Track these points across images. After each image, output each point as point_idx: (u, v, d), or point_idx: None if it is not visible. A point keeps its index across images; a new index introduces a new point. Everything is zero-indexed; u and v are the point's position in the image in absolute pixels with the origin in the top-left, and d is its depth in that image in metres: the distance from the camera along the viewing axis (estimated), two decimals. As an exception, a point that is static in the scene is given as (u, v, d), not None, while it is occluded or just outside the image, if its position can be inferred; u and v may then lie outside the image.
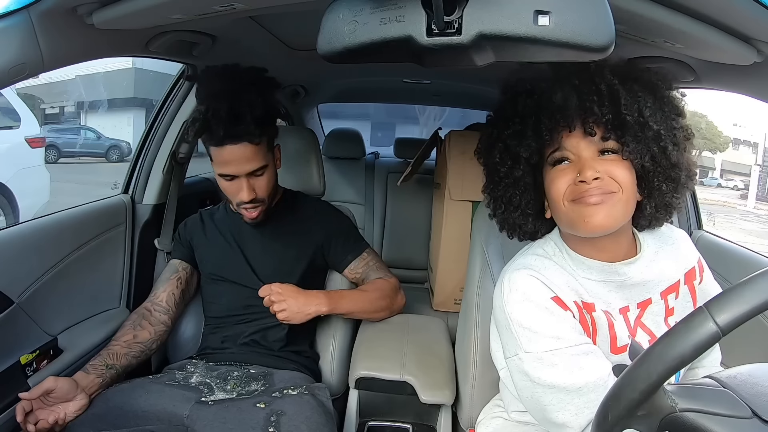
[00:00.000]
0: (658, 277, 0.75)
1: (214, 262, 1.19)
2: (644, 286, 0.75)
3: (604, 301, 0.74)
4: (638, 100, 0.69)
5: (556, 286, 0.72)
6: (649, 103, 0.70)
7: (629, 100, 0.69)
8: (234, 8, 0.74)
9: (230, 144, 1.01)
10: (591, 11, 0.51)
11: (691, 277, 0.78)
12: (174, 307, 1.17)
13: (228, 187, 1.07)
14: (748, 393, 0.43)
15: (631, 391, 0.43)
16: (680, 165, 0.72)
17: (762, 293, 0.39)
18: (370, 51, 0.58)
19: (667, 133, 0.70)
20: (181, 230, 1.25)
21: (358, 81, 2.07)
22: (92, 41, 0.81)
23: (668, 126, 0.70)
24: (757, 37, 0.67)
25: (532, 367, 0.69)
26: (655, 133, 0.69)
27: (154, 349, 1.11)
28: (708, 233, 1.31)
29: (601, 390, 0.65)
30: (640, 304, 0.75)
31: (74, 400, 0.91)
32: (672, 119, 0.71)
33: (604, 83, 0.69)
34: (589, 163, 0.69)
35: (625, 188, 0.69)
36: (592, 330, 0.73)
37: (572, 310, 0.71)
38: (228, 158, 1.02)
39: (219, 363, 1.11)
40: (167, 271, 1.21)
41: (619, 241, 0.74)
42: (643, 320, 0.75)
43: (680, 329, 0.41)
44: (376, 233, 2.21)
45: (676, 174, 0.72)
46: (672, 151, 0.70)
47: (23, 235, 1.05)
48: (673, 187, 0.73)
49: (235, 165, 1.03)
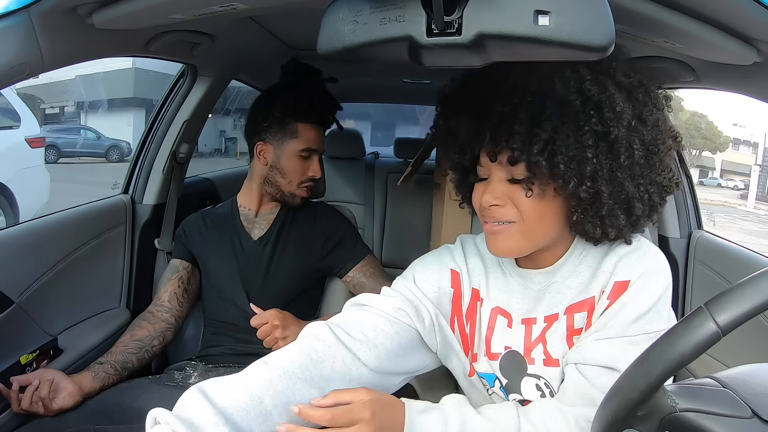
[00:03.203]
0: (570, 291, 0.70)
1: (210, 269, 1.19)
2: (553, 299, 0.71)
3: (506, 304, 0.74)
4: (559, 122, 0.62)
5: (465, 269, 0.76)
6: (570, 126, 0.62)
7: (546, 124, 0.62)
8: (234, 8, 0.74)
9: (320, 126, 1.18)
10: (591, 11, 0.51)
11: (584, 306, 0.69)
12: (177, 305, 1.17)
13: (301, 165, 1.16)
14: (748, 393, 0.43)
15: (631, 391, 0.43)
16: (631, 193, 0.64)
17: (763, 293, 0.39)
18: (370, 51, 0.58)
19: (609, 158, 0.63)
20: (181, 229, 1.25)
21: (358, 81, 2.07)
22: (92, 41, 0.81)
23: (611, 150, 0.63)
24: (757, 37, 0.67)
25: None
26: (579, 160, 0.62)
27: (155, 345, 1.11)
28: (708, 233, 1.31)
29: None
30: (548, 317, 0.71)
31: (63, 387, 0.92)
32: (638, 135, 0.64)
33: (509, 105, 0.63)
34: (491, 186, 0.66)
35: (527, 219, 0.65)
36: (469, 327, 0.76)
37: (462, 294, 0.75)
38: (317, 137, 1.17)
39: (218, 365, 1.10)
40: (168, 272, 1.20)
41: (548, 250, 0.71)
42: (547, 335, 0.71)
43: (680, 329, 0.41)
44: (376, 233, 2.21)
45: (622, 204, 0.65)
46: (614, 179, 0.63)
47: (23, 235, 1.05)
48: (623, 216, 0.65)
49: (319, 143, 1.18)
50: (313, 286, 1.22)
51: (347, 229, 1.24)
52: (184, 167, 1.45)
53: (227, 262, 1.16)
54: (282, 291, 1.15)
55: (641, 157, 0.64)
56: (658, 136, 0.66)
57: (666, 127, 0.68)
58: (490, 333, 0.75)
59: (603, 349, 0.64)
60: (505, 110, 0.63)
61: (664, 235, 1.32)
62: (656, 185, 0.67)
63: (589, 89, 0.63)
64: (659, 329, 0.63)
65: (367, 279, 1.19)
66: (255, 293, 1.13)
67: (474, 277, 0.77)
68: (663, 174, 0.67)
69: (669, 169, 0.69)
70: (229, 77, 1.42)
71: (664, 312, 0.65)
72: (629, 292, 0.65)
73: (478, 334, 0.76)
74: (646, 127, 0.65)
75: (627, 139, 0.63)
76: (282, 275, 1.16)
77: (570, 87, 0.63)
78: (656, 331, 0.63)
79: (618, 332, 0.64)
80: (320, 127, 1.18)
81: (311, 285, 1.21)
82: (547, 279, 0.72)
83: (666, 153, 0.67)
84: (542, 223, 0.66)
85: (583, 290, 0.69)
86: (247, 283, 1.15)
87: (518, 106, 0.63)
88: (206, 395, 0.56)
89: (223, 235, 1.19)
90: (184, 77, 1.35)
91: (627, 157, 0.63)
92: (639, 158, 0.64)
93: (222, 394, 0.57)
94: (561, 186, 0.64)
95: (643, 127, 0.65)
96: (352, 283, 1.21)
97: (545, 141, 0.62)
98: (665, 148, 0.67)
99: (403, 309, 0.72)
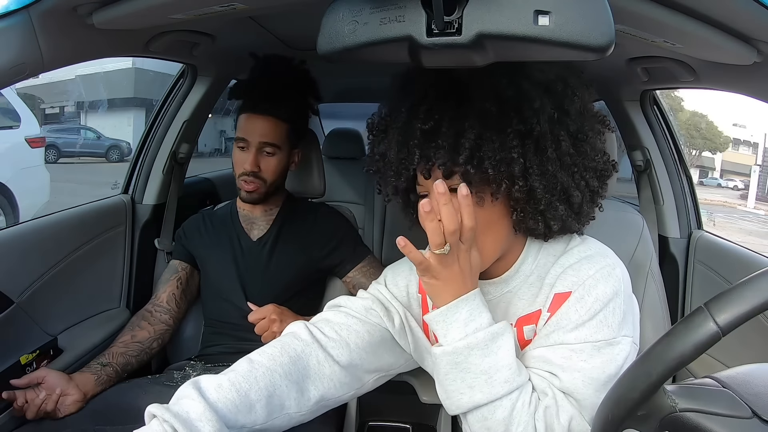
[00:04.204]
0: (521, 303, 0.71)
1: (210, 270, 1.19)
2: (508, 309, 0.72)
3: None
4: (482, 129, 0.63)
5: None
6: (493, 131, 0.63)
7: (468, 133, 0.63)
8: (234, 8, 0.74)
9: (254, 114, 1.10)
10: (591, 11, 0.51)
11: (532, 319, 0.70)
12: (175, 306, 1.17)
13: (238, 157, 1.12)
14: (748, 393, 0.43)
15: (631, 391, 0.43)
16: (566, 184, 0.66)
17: (763, 293, 0.39)
18: (370, 51, 0.58)
19: (535, 156, 0.64)
20: (181, 230, 1.25)
21: (358, 81, 2.07)
22: (92, 41, 0.81)
23: (535, 147, 0.65)
24: (757, 37, 0.67)
25: None
26: (508, 161, 0.63)
27: (154, 347, 1.11)
28: (708, 233, 1.31)
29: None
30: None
31: (68, 394, 0.91)
32: (563, 130, 0.65)
33: (431, 122, 0.65)
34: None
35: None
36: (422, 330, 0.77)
37: (428, 299, 0.75)
38: (246, 125, 1.11)
39: (217, 365, 1.10)
40: (167, 272, 1.21)
41: (500, 259, 0.71)
42: None
43: (680, 329, 0.41)
44: (376, 233, 2.21)
45: (560, 195, 0.66)
46: (546, 173, 0.65)
47: (23, 235, 1.05)
48: (563, 207, 0.66)
49: (252, 132, 1.10)
50: (312, 286, 1.22)
51: (347, 230, 1.24)
52: (184, 167, 1.45)
53: (227, 263, 1.16)
54: (281, 291, 1.15)
55: (569, 147, 0.66)
56: (584, 123, 0.67)
57: (591, 113, 0.70)
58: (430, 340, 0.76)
59: (542, 355, 0.65)
60: (427, 127, 0.65)
61: (664, 235, 1.32)
62: (591, 170, 0.68)
63: (506, 92, 0.64)
64: (607, 338, 0.62)
65: (366, 279, 1.19)
66: (254, 293, 1.13)
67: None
68: (597, 159, 0.69)
69: (602, 153, 0.70)
70: (229, 77, 1.42)
71: (614, 320, 0.63)
72: (568, 302, 0.64)
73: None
74: (570, 117, 0.66)
75: (551, 132, 0.65)
76: (281, 276, 1.16)
77: (487, 94, 0.64)
78: (602, 340, 0.62)
79: (557, 341, 0.64)
80: (254, 115, 1.11)
81: (310, 285, 1.21)
82: (499, 290, 0.72)
83: (595, 138, 0.69)
84: (490, 231, 0.67)
85: (532, 302, 0.70)
86: (246, 283, 1.15)
87: (440, 120, 0.65)
88: (200, 391, 0.60)
89: (223, 235, 1.19)
90: (184, 77, 1.35)
91: (554, 150, 0.65)
92: (567, 148, 0.66)
93: (213, 390, 0.61)
94: (496, 190, 0.65)
95: (567, 118, 0.66)
96: (352, 283, 1.21)
97: (470, 150, 0.63)
98: (593, 133, 0.68)
99: (374, 309, 0.76)
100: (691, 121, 14.08)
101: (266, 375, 0.64)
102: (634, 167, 1.37)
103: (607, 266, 0.65)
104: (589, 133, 0.68)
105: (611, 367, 0.62)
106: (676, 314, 1.25)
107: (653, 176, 1.33)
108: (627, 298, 0.65)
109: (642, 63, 1.01)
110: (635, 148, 1.35)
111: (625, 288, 0.65)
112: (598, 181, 0.70)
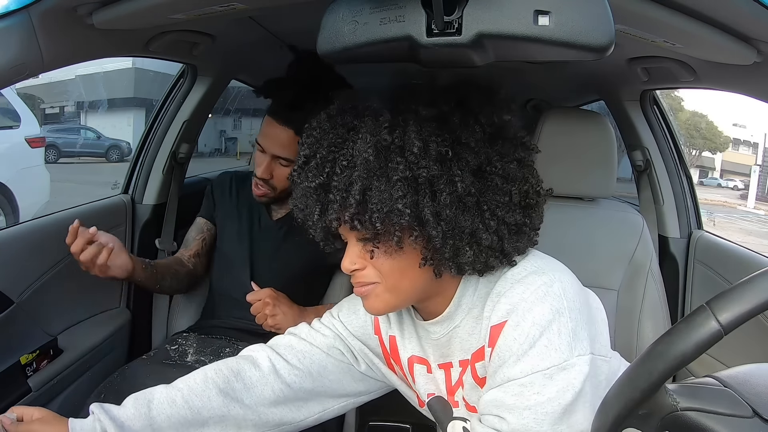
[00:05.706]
0: (472, 338, 0.66)
1: (225, 238, 1.21)
2: (461, 345, 0.67)
3: (421, 352, 0.73)
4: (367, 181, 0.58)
5: (384, 318, 0.75)
6: (381, 181, 0.57)
7: (354, 187, 0.58)
8: (234, 8, 0.74)
9: (275, 121, 1.06)
10: (591, 11, 0.51)
11: (481, 355, 0.64)
12: (200, 264, 1.22)
13: (258, 156, 1.12)
14: (749, 392, 0.43)
15: (632, 390, 0.43)
16: (470, 227, 0.59)
17: (765, 292, 0.39)
18: (370, 51, 0.59)
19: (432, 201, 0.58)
20: (210, 187, 1.27)
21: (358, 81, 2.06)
22: (92, 41, 0.81)
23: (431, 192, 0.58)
24: (757, 37, 0.67)
25: None
26: (395, 213, 0.57)
27: (183, 281, 1.18)
28: (708, 233, 1.31)
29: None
30: (462, 362, 0.68)
31: (122, 264, 0.98)
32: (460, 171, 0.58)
33: (322, 177, 0.60)
34: (349, 251, 0.64)
35: (388, 277, 0.62)
36: (399, 370, 0.77)
37: (383, 340, 0.76)
38: (268, 131, 1.07)
39: (212, 336, 1.13)
40: (193, 230, 1.24)
41: (435, 297, 0.66)
42: (464, 379, 0.68)
43: (682, 327, 0.41)
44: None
45: (466, 239, 0.59)
46: (442, 220, 0.58)
47: (23, 235, 1.05)
48: (471, 251, 0.60)
49: (269, 141, 1.07)
50: (318, 277, 1.22)
51: None
52: (184, 167, 1.45)
53: (242, 236, 1.18)
54: (287, 275, 1.15)
55: (469, 186, 0.58)
56: (491, 153, 0.60)
57: (504, 136, 0.62)
58: (414, 379, 0.74)
59: (494, 397, 0.59)
60: (317, 183, 0.61)
61: (664, 235, 1.32)
62: (504, 206, 0.60)
63: (385, 139, 0.57)
64: (557, 363, 0.56)
65: None
66: (260, 272, 1.14)
67: (392, 325, 0.75)
68: (512, 191, 0.61)
69: (522, 181, 0.62)
70: (229, 77, 1.42)
71: (560, 342, 0.56)
72: (504, 333, 0.58)
73: (409, 377, 0.76)
74: (470, 150, 0.59)
75: (444, 174, 0.58)
76: (289, 260, 1.16)
77: (367, 143, 0.58)
78: (552, 366, 0.56)
79: (504, 378, 0.58)
80: (274, 122, 1.06)
81: (317, 275, 1.21)
82: (444, 327, 0.67)
83: (509, 165, 0.61)
84: (405, 277, 0.62)
85: (479, 336, 0.64)
86: (256, 260, 1.16)
87: (329, 175, 0.60)
88: (149, 406, 0.66)
89: (244, 206, 1.20)
90: (184, 77, 1.35)
91: (449, 193, 0.58)
92: (466, 188, 0.58)
93: (163, 405, 0.67)
94: (397, 241, 0.59)
95: (466, 152, 0.59)
96: None
97: (356, 203, 0.58)
98: (507, 161, 0.61)
99: (338, 348, 0.77)
100: (691, 121, 14.07)
101: (219, 396, 0.69)
102: (634, 167, 1.37)
103: (543, 285, 0.59)
104: (498, 164, 0.60)
105: (568, 394, 0.55)
106: (675, 314, 1.25)
107: (653, 176, 1.33)
108: (576, 312, 0.58)
109: (642, 63, 1.01)
110: (635, 148, 1.35)
111: (571, 302, 0.58)
112: (522, 214, 0.62)
